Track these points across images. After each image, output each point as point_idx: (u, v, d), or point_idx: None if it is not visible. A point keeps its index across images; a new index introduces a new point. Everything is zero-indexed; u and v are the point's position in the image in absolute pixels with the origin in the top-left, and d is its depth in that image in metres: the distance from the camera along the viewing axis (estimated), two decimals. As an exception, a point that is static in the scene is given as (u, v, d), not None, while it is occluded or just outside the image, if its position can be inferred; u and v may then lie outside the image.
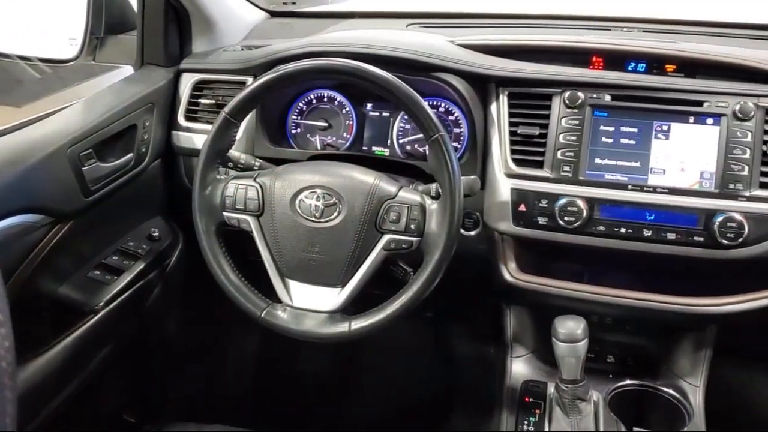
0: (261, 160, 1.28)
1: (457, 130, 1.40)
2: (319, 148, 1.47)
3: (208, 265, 1.19)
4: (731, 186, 1.17)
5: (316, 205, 1.13)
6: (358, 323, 1.12)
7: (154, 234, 1.50)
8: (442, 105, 1.41)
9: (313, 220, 1.13)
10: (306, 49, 1.33)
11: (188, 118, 1.51)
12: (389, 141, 1.45)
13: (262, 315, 1.16)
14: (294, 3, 1.99)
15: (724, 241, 1.16)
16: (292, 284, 1.17)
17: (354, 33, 1.52)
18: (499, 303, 1.51)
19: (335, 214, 1.13)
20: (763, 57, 1.23)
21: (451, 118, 1.40)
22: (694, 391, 1.36)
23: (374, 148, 1.46)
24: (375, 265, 1.13)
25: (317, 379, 2.11)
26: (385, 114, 1.46)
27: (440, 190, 1.11)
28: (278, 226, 1.15)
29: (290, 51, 1.36)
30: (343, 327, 1.12)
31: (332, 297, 1.14)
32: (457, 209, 1.08)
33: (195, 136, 1.48)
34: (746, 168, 1.17)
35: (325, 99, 1.48)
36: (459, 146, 1.39)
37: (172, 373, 1.89)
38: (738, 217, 1.15)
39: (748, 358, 1.83)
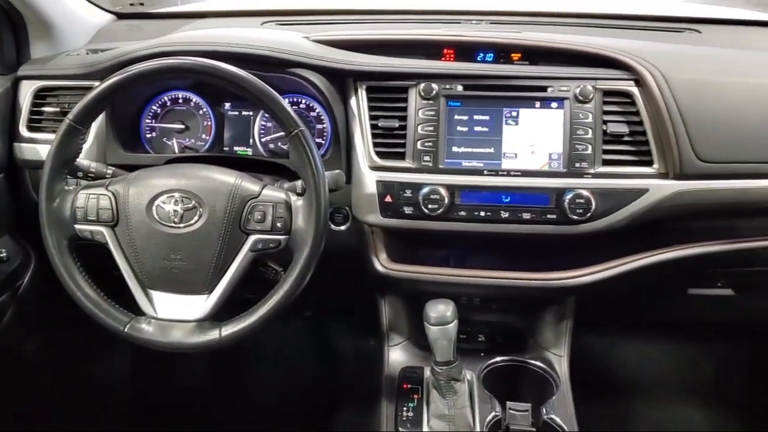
0: (114, 168, 1.21)
1: (319, 126, 1.40)
2: (177, 151, 1.42)
3: (63, 283, 1.11)
4: (577, 165, 1.25)
5: (174, 210, 1.09)
6: (229, 329, 1.09)
7: (2, 255, 1.39)
8: (303, 101, 1.40)
9: (172, 226, 1.09)
10: (156, 49, 1.28)
11: (31, 129, 1.41)
12: (251, 140, 1.42)
13: (126, 330, 1.10)
14: (142, 4, 1.91)
15: (575, 217, 1.24)
16: (156, 295, 1.12)
17: (206, 31, 1.48)
18: (374, 294, 1.52)
19: (196, 218, 1.09)
20: (598, 43, 1.32)
21: (312, 114, 1.40)
22: (560, 361, 1.44)
23: (236, 148, 1.42)
24: (242, 267, 1.11)
25: (196, 392, 2.05)
26: (245, 113, 1.43)
27: (305, 186, 1.10)
28: (135, 236, 1.10)
29: (139, 52, 1.30)
30: (213, 334, 1.09)
31: (199, 305, 1.11)
32: (324, 204, 1.08)
33: (40, 147, 1.39)
34: (590, 147, 1.25)
35: (180, 100, 1.43)
36: (323, 142, 1.39)
37: (33, 406, 1.76)
38: (585, 193, 1.23)
39: (605, 326, 1.97)
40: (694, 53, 1.40)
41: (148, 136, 1.43)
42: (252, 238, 1.10)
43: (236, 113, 1.43)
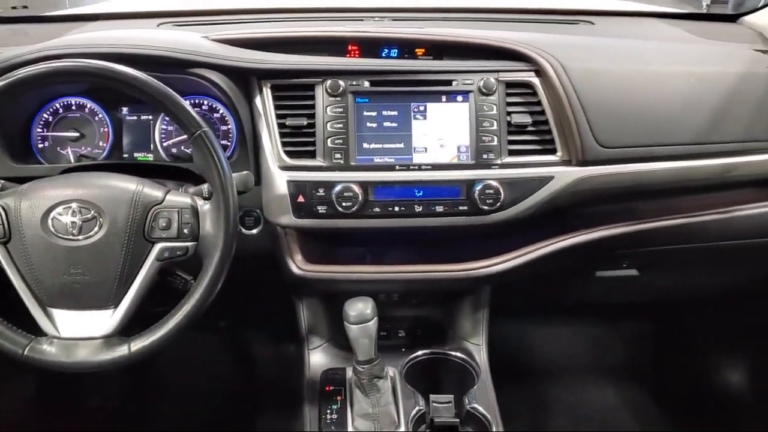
0: (3, 181, 1.13)
1: (224, 128, 1.36)
2: (72, 160, 1.34)
3: None
4: (485, 156, 1.27)
5: (72, 222, 1.02)
6: (139, 343, 1.04)
7: None
8: (205, 103, 1.36)
9: (70, 239, 1.03)
10: (42, 53, 1.19)
11: None
12: (152, 145, 1.36)
13: (25, 353, 1.03)
14: (26, 7, 1.80)
15: (485, 207, 1.26)
16: (57, 313, 1.05)
17: (99, 33, 1.41)
18: (291, 298, 1.50)
19: (96, 228, 1.03)
20: (498, 36, 1.35)
21: (216, 115, 1.36)
22: (478, 350, 1.47)
23: (136, 155, 1.36)
24: (149, 278, 1.06)
25: (109, 413, 1.95)
26: (145, 117, 1.37)
27: (212, 189, 1.06)
28: (31, 251, 1.02)
29: (24, 56, 1.21)
30: (122, 350, 1.04)
31: (105, 320, 1.05)
32: (232, 207, 1.04)
33: None
34: (496, 138, 1.28)
35: (74, 107, 1.35)
36: (228, 144, 1.35)
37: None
38: (494, 183, 1.26)
39: (520, 313, 2.02)
40: (589, 43, 1.46)
41: (40, 146, 1.35)
42: (158, 246, 1.05)
43: (135, 118, 1.37)
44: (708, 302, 1.85)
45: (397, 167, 1.27)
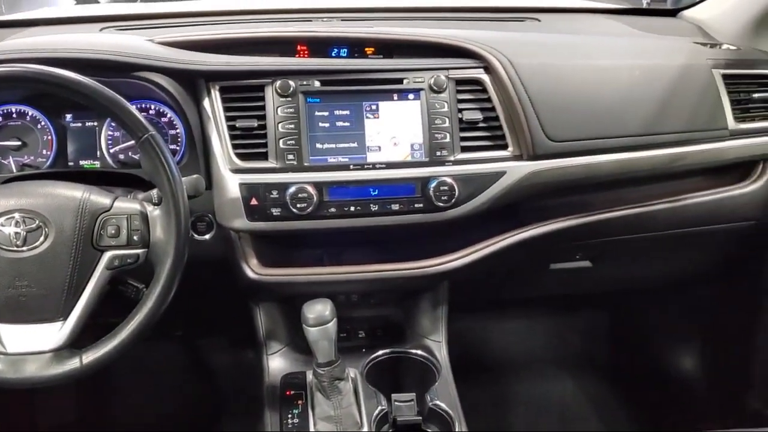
0: None
1: (173, 132, 1.33)
2: (14, 170, 1.29)
3: None
4: (438, 153, 1.28)
5: (15, 233, 0.99)
6: (91, 355, 1.01)
7: None
8: (152, 107, 1.32)
9: (14, 250, 0.99)
10: (-22, 59, 1.15)
11: None
12: (98, 152, 1.32)
13: None
14: (-47, 15, 1.73)
15: (440, 204, 1.26)
16: (2, 327, 1.01)
17: (39, 38, 1.36)
18: (248, 303, 1.47)
19: (41, 239, 1.00)
20: (448, 34, 1.36)
21: (164, 120, 1.33)
22: (439, 347, 1.47)
23: (82, 162, 1.32)
24: (99, 288, 1.03)
25: (64, 429, 1.89)
26: (90, 123, 1.33)
27: (161, 195, 1.04)
28: (-28, 264, 0.98)
29: (-43, 64, 1.16)
30: (73, 363, 1.00)
31: (54, 333, 1.01)
32: (183, 212, 1.02)
33: None
34: (448, 135, 1.28)
35: (14, 114, 1.30)
36: (177, 148, 1.32)
37: None
38: (448, 180, 1.26)
39: (478, 308, 2.04)
40: (536, 40, 1.48)
41: (-21, 156, 1.30)
42: (107, 254, 1.02)
43: (79, 124, 1.33)
44: (660, 290, 1.90)
45: (351, 167, 1.26)
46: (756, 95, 1.44)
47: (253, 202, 1.23)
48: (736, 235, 1.54)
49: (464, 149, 1.29)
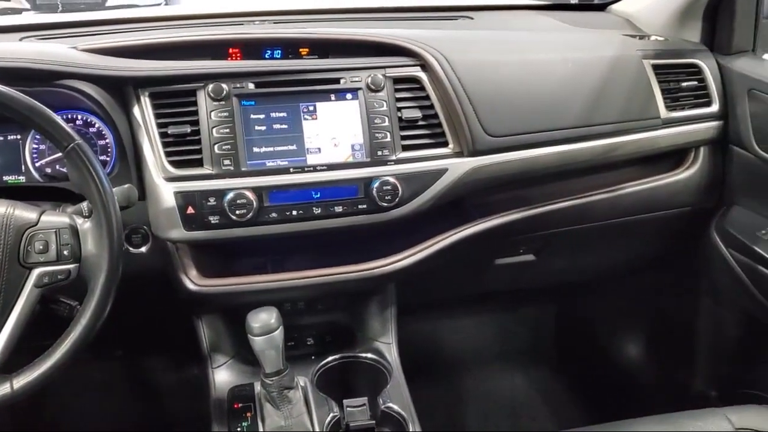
0: None
1: (102, 142, 1.27)
2: (-70, 188, 1.22)
3: None
4: (379, 153, 1.26)
5: None
6: (23, 379, 0.95)
7: None
8: (79, 117, 1.26)
9: None
10: None
11: None
12: (23, 167, 1.25)
13: None
14: None
15: (384, 204, 1.25)
16: (-76, 356, 0.94)
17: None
18: (190, 316, 1.42)
19: None
20: (382, 33, 1.35)
21: (92, 129, 1.27)
22: (389, 349, 1.45)
23: (6, 178, 1.25)
24: (29, 307, 0.97)
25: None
26: (12, 136, 1.26)
27: (91, 207, 0.99)
28: None
29: None
30: (3, 389, 0.94)
31: (-20, 358, 0.95)
32: (115, 223, 0.97)
33: None
34: (389, 135, 1.27)
35: (-72, 130, 1.23)
36: (108, 158, 1.26)
37: None
38: (391, 180, 1.25)
39: (427, 307, 2.04)
40: (471, 37, 1.48)
41: None
42: (36, 271, 0.96)
43: (1, 138, 1.26)
44: (603, 280, 1.93)
45: (291, 170, 1.23)
46: (685, 84, 1.48)
47: (190, 210, 1.18)
48: (674, 221, 1.58)
49: (405, 148, 1.28)
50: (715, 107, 1.49)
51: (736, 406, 1.21)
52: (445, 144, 1.31)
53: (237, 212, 1.18)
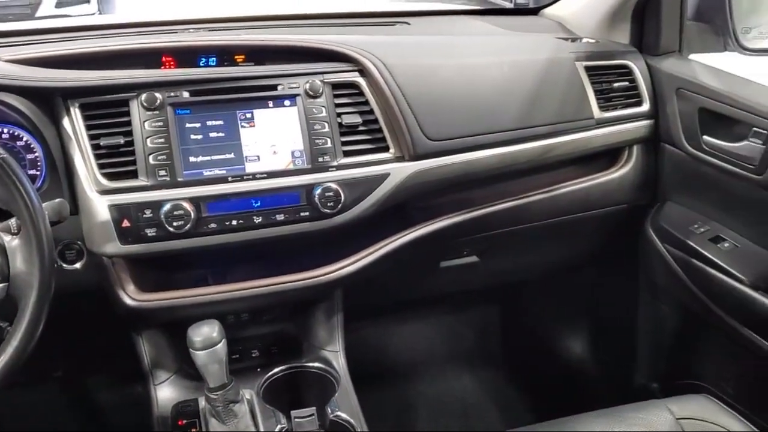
0: None
1: (31, 156, 1.22)
2: None
3: None
4: (320, 159, 1.25)
5: None
6: None
7: None
8: (5, 130, 1.21)
9: None
10: None
11: None
12: (-55, 185, 1.20)
13: None
14: None
15: (327, 211, 1.24)
16: None
17: None
18: (129, 332, 1.38)
19: None
20: (319, 39, 1.34)
21: (20, 143, 1.21)
22: (336, 357, 1.44)
23: None
24: (-46, 330, 0.92)
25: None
26: None
27: (20, 223, 0.95)
28: None
29: None
30: None
31: None
32: (45, 239, 0.93)
33: None
34: (329, 141, 1.26)
35: None
36: (37, 173, 1.21)
37: None
38: (333, 186, 1.24)
39: (375, 314, 2.03)
40: (409, 42, 1.49)
41: None
42: None
43: None
44: (546, 279, 1.97)
45: (229, 179, 1.21)
46: (616, 84, 1.52)
47: (125, 224, 1.15)
48: (611, 219, 1.62)
49: (346, 153, 1.28)
50: (645, 107, 1.54)
51: (677, 396, 1.25)
52: (386, 149, 1.31)
53: (174, 224, 1.16)
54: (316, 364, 1.41)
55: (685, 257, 1.49)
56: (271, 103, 1.25)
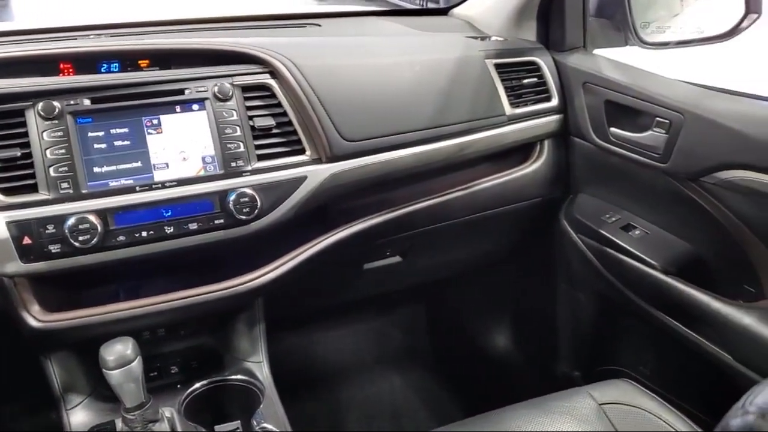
0: None
1: None
2: None
3: None
4: (233, 164, 1.22)
5: None
6: None
7: None
8: None
9: None
10: None
11: None
12: None
13: None
14: None
15: (243, 217, 1.20)
16: None
17: None
18: (37, 356, 1.30)
19: None
20: (227, 41, 1.31)
21: None
22: (260, 368, 1.40)
23: None
24: None
25: None
26: None
27: None
28: None
29: None
30: None
31: None
32: None
33: None
34: (242, 145, 1.23)
35: None
36: None
37: None
38: (248, 191, 1.21)
39: (299, 321, 2.00)
40: (320, 43, 1.48)
41: None
42: None
43: None
44: (468, 274, 1.99)
45: (137, 188, 1.16)
46: (526, 81, 1.55)
47: (26, 241, 1.08)
48: (527, 212, 1.65)
49: (261, 157, 1.25)
50: (554, 102, 1.58)
51: (598, 382, 1.28)
52: (302, 151, 1.29)
53: (80, 238, 1.10)
54: (239, 377, 1.36)
55: (599, 246, 1.53)
56: (178, 108, 1.21)
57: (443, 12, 1.83)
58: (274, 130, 1.27)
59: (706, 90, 1.33)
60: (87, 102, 1.15)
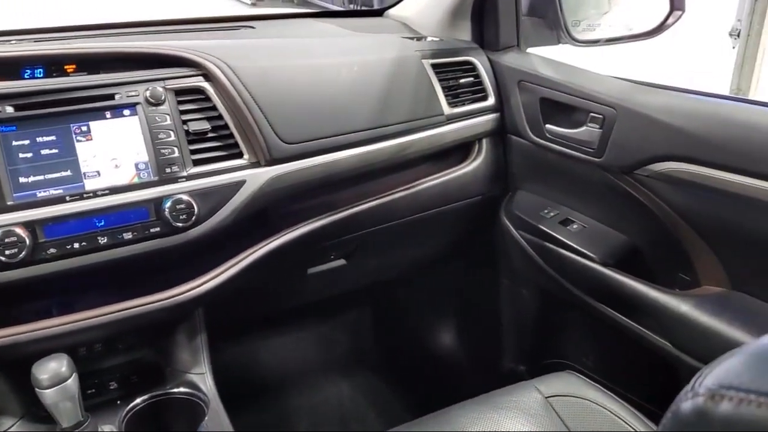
0: None
1: None
2: None
3: None
4: (168, 170, 1.18)
5: None
6: None
7: None
8: None
9: None
10: None
11: None
12: None
13: None
14: None
15: (180, 225, 1.17)
16: None
17: None
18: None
19: None
20: (158, 45, 1.27)
21: None
22: (203, 379, 1.35)
23: None
24: None
25: None
26: None
27: None
28: None
29: None
30: None
31: None
32: None
33: None
34: (176, 150, 1.19)
35: None
36: None
37: None
38: (185, 197, 1.17)
39: (242, 331, 1.96)
40: (254, 45, 1.45)
41: None
42: None
43: None
44: (413, 274, 1.99)
45: (67, 198, 1.11)
46: (462, 80, 1.57)
47: (-52, 257, 1.02)
48: (468, 211, 1.67)
49: (197, 162, 1.22)
50: (491, 100, 1.60)
51: (543, 376, 1.30)
52: (239, 155, 1.27)
53: (7, 252, 1.04)
54: (182, 389, 1.32)
55: (539, 241, 1.56)
56: (108, 114, 1.16)
57: (378, 13, 1.83)
58: (210, 134, 1.24)
59: (637, 85, 1.37)
60: (10, 109, 1.10)
